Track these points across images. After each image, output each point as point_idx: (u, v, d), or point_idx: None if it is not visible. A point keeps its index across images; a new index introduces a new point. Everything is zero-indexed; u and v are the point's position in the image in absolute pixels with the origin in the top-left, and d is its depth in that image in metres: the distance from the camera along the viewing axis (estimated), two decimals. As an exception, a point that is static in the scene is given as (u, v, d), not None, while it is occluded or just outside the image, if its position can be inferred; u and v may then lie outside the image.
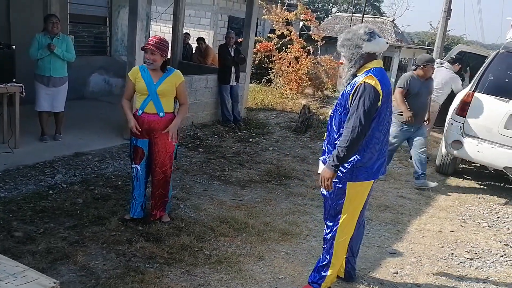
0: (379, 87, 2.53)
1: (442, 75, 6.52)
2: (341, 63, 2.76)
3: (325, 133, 2.87)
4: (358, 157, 2.63)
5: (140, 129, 3.48)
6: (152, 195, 3.69)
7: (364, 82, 2.53)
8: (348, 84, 2.66)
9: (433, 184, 5.35)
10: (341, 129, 2.65)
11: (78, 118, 6.33)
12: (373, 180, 2.78)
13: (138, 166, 3.59)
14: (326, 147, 2.82)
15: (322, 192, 2.83)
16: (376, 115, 2.59)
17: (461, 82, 6.51)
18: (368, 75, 2.56)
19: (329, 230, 2.82)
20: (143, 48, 3.42)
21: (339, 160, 2.56)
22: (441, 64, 6.78)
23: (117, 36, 8.47)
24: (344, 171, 2.66)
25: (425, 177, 5.42)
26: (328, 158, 2.68)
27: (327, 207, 2.83)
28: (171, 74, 3.51)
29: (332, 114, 2.79)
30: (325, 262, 2.86)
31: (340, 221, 2.76)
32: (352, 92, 2.57)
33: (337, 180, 2.69)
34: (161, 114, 3.48)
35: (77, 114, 6.44)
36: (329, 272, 2.85)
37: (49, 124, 5.37)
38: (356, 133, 2.49)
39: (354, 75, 2.66)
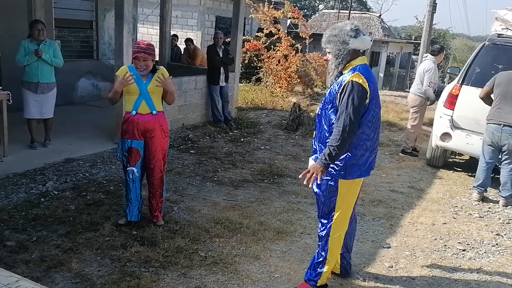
0: (366, 85, 2.55)
1: (421, 67, 6.54)
2: (326, 60, 2.77)
3: (314, 131, 2.88)
4: (350, 155, 2.65)
5: (135, 131, 3.49)
6: (153, 196, 3.68)
7: (352, 80, 2.55)
8: (336, 82, 2.67)
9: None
10: (332, 127, 2.66)
11: (67, 123, 6.27)
12: (363, 177, 2.80)
13: (134, 169, 3.56)
14: (317, 146, 2.83)
15: (315, 190, 2.85)
16: (365, 112, 2.61)
17: (433, 75, 6.41)
18: (355, 73, 2.57)
19: (323, 227, 2.84)
20: (136, 56, 3.39)
21: (331, 159, 2.58)
22: (426, 57, 6.79)
23: (104, 40, 8.41)
24: (337, 169, 2.67)
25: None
26: (320, 157, 2.69)
27: (320, 205, 2.85)
28: (157, 71, 3.53)
29: (320, 112, 2.80)
30: (320, 259, 2.87)
31: (334, 217, 2.78)
32: (340, 90, 2.59)
33: (329, 178, 2.71)
34: (154, 112, 3.50)
35: (66, 119, 6.39)
36: (324, 269, 2.87)
37: (38, 131, 5.32)
38: (347, 131, 2.52)
39: (341, 73, 2.67)
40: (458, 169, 6.33)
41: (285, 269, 3.23)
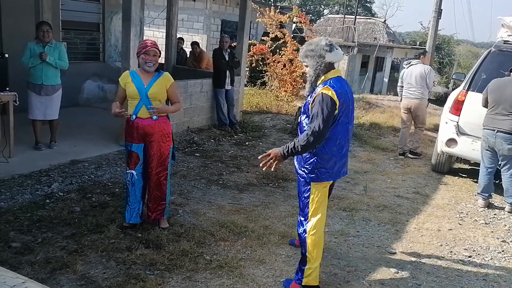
0: (335, 97, 2.72)
1: (418, 71, 6.59)
2: (304, 72, 2.93)
3: None
4: (318, 160, 2.81)
5: (135, 134, 3.51)
6: (149, 197, 3.68)
7: (322, 92, 2.73)
8: (309, 94, 2.85)
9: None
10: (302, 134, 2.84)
11: (73, 125, 6.29)
12: (332, 180, 2.96)
13: (133, 171, 3.58)
14: None
15: (298, 190, 3.01)
16: (334, 122, 2.76)
17: (434, 75, 6.63)
18: (325, 86, 2.75)
19: (301, 225, 2.97)
20: (146, 51, 3.39)
21: (291, 153, 2.77)
22: (409, 63, 6.91)
23: (111, 42, 8.45)
24: (307, 172, 2.84)
25: None
26: (284, 146, 2.82)
27: (300, 202, 3.01)
28: (160, 77, 3.52)
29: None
30: (302, 257, 2.97)
31: (309, 215, 2.92)
32: (311, 101, 2.78)
33: (303, 178, 2.88)
34: (154, 117, 3.48)
35: (71, 121, 6.41)
36: (306, 266, 2.92)
37: (43, 132, 5.33)
38: (315, 136, 2.69)
39: (316, 85, 2.83)
40: (463, 175, 6.30)
41: (290, 273, 3.22)
